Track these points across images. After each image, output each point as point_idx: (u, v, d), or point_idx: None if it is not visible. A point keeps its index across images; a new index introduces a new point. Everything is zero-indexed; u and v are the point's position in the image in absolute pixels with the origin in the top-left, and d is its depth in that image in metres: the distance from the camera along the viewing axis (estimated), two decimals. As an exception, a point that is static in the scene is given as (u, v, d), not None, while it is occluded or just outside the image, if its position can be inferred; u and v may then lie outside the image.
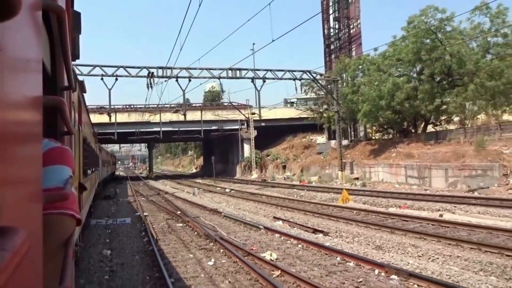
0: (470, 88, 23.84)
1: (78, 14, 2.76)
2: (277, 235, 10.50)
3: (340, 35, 37.35)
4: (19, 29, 0.65)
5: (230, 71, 24.79)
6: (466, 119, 27.48)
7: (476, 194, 16.68)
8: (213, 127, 44.31)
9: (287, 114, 45.17)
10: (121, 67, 23.15)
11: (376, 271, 6.90)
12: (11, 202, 0.58)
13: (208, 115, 43.95)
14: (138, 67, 23.60)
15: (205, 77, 24.58)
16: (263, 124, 44.08)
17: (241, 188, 27.83)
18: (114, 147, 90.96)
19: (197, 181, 40.98)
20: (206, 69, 24.43)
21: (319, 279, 6.64)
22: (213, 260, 8.13)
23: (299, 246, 9.17)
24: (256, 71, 25.53)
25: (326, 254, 8.32)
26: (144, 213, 15.67)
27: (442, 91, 26.01)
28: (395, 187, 22.17)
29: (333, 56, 37.82)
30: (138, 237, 11.03)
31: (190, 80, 24.21)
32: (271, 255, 8.15)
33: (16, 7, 0.53)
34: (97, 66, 22.74)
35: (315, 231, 11.10)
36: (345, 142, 34.08)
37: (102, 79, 22.73)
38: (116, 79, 23.08)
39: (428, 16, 25.42)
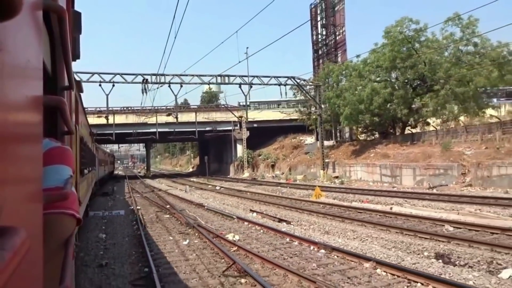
0: (441, 94, 25.81)
1: (78, 14, 2.79)
2: (246, 223, 12.46)
3: (327, 41, 39.30)
4: (20, 29, 0.66)
5: (219, 78, 26.75)
6: (447, 121, 29.22)
7: (434, 190, 18.65)
8: (207, 128, 46.26)
9: (278, 116, 47.12)
10: (118, 74, 25.13)
11: (311, 247, 8.85)
12: (11, 201, 0.58)
13: (203, 117, 45.86)
14: (134, 74, 25.60)
15: (196, 83, 26.55)
16: (255, 125, 46.07)
17: (230, 186, 29.76)
18: (114, 147, 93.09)
19: (192, 179, 42.90)
20: (196, 75, 26.43)
21: (265, 252, 8.58)
22: (188, 240, 10.09)
23: (261, 231, 11.13)
24: (243, 77, 27.51)
25: (280, 236, 10.26)
26: (137, 207, 17.61)
27: (416, 96, 27.97)
28: (369, 185, 24.14)
29: (321, 61, 39.75)
30: (130, 225, 12.98)
31: (181, 86, 26.20)
32: (233, 237, 10.11)
33: (17, 7, 0.53)
34: (96, 73, 24.72)
35: (280, 220, 13.05)
36: (330, 143, 36.07)
37: (100, 85, 24.71)
38: (113, 85, 25.06)
39: (403, 26, 27.34)
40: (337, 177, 28.57)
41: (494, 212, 11.80)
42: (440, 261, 7.44)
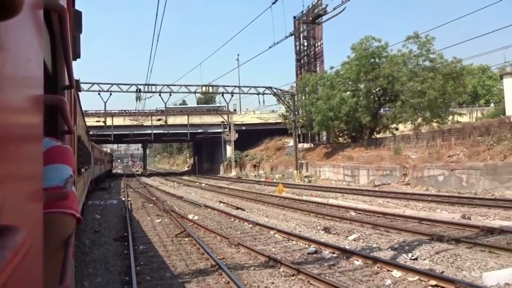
0: (397, 105, 29.44)
1: (79, 13, 2.82)
2: (209, 209, 16.12)
3: (307, 52, 42.94)
4: (20, 28, 0.66)
5: (203, 88, 30.44)
6: (420, 126, 32.68)
7: (376, 188, 22.28)
8: (199, 130, 49.89)
9: (265, 119, 50.75)
10: (115, 84, 28.82)
11: (245, 224, 12.49)
12: (12, 200, 0.58)
13: (194, 120, 49.51)
14: (128, 84, 29.29)
15: (183, 92, 30.24)
16: (243, 128, 49.73)
17: (215, 183, 33.40)
18: (114, 146, 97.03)
19: (184, 177, 46.56)
20: (184, 85, 30.13)
21: (210, 226, 12.20)
22: (160, 219, 13.75)
23: (217, 214, 14.80)
24: (226, 87, 31.15)
25: (230, 218, 13.90)
26: (128, 199, 21.27)
27: (379, 106, 31.61)
28: (331, 183, 27.79)
29: (302, 70, 43.40)
30: (120, 211, 16.64)
31: (170, 95, 29.89)
32: (193, 217, 13.77)
33: (17, 6, 0.53)
34: (95, 83, 28.44)
35: (237, 208, 16.69)
36: (307, 145, 39.76)
37: (99, 93, 28.39)
38: (110, 94, 28.75)
39: (367, 44, 30.98)
40: (308, 176, 32.22)
41: (396, 204, 15.45)
42: (323, 231, 11.08)
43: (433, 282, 6.07)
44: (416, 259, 7.67)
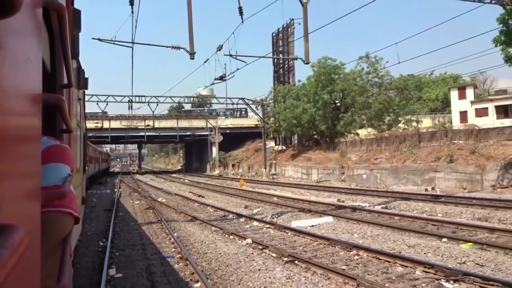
0: (347, 115, 35.14)
1: (78, 12, 2.86)
2: (177, 196, 21.81)
3: (282, 66, 48.64)
4: (19, 27, 0.66)
5: (187, 98, 36.09)
6: (383, 131, 38.24)
7: (317, 184, 27.93)
8: (188, 133, 55.59)
9: (247, 123, 56.50)
10: (110, 95, 34.58)
11: (196, 204, 18.17)
12: (9, 199, 0.58)
13: (184, 123, 55.20)
14: (122, 96, 35.06)
15: (169, 102, 35.92)
16: (228, 131, 55.42)
17: (196, 180, 39.05)
18: (113, 146, 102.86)
19: (173, 175, 52.22)
20: (169, 97, 35.91)
21: (172, 205, 17.85)
22: (138, 202, 19.44)
23: (180, 199, 20.48)
24: (205, 98, 36.74)
25: (188, 201, 19.55)
26: (119, 190, 26.94)
27: (335, 116, 37.30)
28: (290, 180, 33.45)
29: (278, 81, 49.04)
30: (111, 197, 22.29)
31: (157, 104, 35.65)
32: (162, 200, 19.47)
33: (17, 4, 0.54)
34: (94, 95, 34.21)
35: (199, 196, 22.35)
36: (279, 147, 45.46)
37: (97, 103, 34.13)
38: (107, 104, 34.48)
39: (324, 63, 36.66)
40: (274, 174, 37.93)
41: (311, 193, 21.13)
42: (243, 208, 16.73)
43: (272, 227, 11.73)
44: (273, 218, 13.37)
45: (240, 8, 11.25)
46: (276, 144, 49.34)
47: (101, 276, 6.68)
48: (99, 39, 14.06)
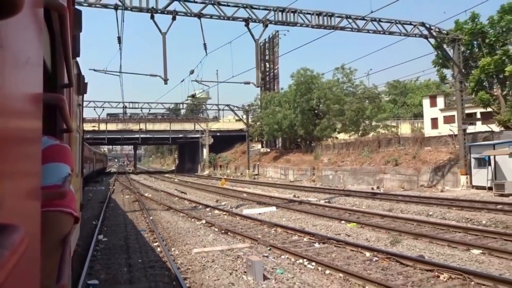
0: (323, 121, 38.60)
1: (79, 12, 2.86)
2: (163, 192, 25.18)
3: (268, 74, 52.16)
4: (21, 26, 0.66)
5: (172, 105, 39.48)
6: (363, 135, 41.71)
7: (290, 183, 31.31)
8: (180, 135, 58.96)
9: (236, 127, 59.91)
10: (106, 101, 38.01)
11: (176, 198, 21.55)
12: (10, 199, 0.59)
13: (176, 126, 58.57)
14: (116, 102, 38.48)
15: (159, 108, 39.25)
16: (218, 134, 58.81)
17: (185, 179, 42.35)
18: (111, 147, 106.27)
19: (166, 175, 55.52)
20: (160, 103, 39.28)
21: (156, 199, 21.20)
22: (128, 196, 22.81)
23: (164, 194, 23.85)
24: (194, 104, 40.13)
25: (170, 196, 22.91)
26: (113, 187, 30.29)
27: (312, 122, 40.76)
28: (269, 180, 36.83)
29: (264, 89, 52.50)
30: (105, 192, 25.64)
31: (149, 110, 39.02)
32: (148, 195, 22.86)
33: (18, 4, 0.54)
34: (91, 101, 37.66)
35: (182, 192, 25.72)
36: (264, 150, 48.89)
37: (94, 109, 37.53)
38: (103, 109, 37.88)
39: (302, 73, 40.12)
40: (257, 174, 41.34)
41: (277, 190, 24.52)
42: (215, 201, 20.09)
43: (227, 214, 15.10)
44: (232, 208, 16.76)
45: (204, 44, 14.60)
46: (262, 147, 52.84)
47: (92, 239, 10.06)
48: (94, 70, 17.43)
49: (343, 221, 12.46)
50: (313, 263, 7.64)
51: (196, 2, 15.12)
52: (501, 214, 12.47)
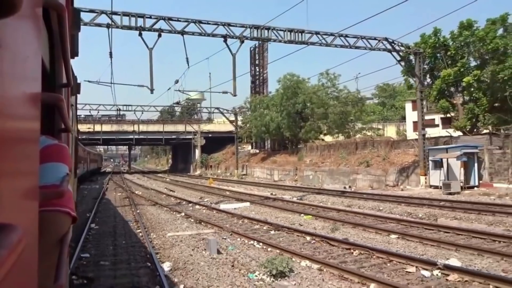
0: (307, 124, 40.68)
1: (77, 12, 2.95)
2: (153, 191, 27.12)
3: (258, 77, 54.18)
4: (19, 26, 0.67)
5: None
6: (349, 137, 43.86)
7: (274, 182, 33.32)
8: (173, 136, 60.87)
9: (227, 128, 61.89)
10: (101, 104, 39.93)
11: (164, 195, 23.51)
12: (7, 199, 0.59)
13: (169, 127, 60.48)
14: (111, 104, 40.43)
15: (152, 111, 41.13)
16: (210, 135, 60.78)
17: (177, 179, 44.26)
18: (107, 147, 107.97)
19: (158, 175, 57.41)
20: (153, 106, 41.17)
21: (145, 196, 23.14)
22: (120, 194, 24.73)
23: (154, 192, 25.80)
24: (186, 107, 42.07)
25: (158, 194, 24.85)
26: (107, 185, 32.17)
27: (298, 124, 42.82)
28: (255, 180, 38.81)
29: (254, 91, 54.52)
30: (99, 191, 27.53)
31: (142, 113, 40.96)
32: (139, 192, 24.80)
33: (17, 4, 0.54)
34: (87, 104, 39.54)
35: (170, 190, 27.65)
36: (253, 151, 50.93)
37: (90, 112, 39.40)
38: (98, 112, 39.77)
39: (288, 78, 42.17)
40: (245, 174, 43.35)
41: (257, 189, 26.52)
42: (199, 199, 22.05)
43: (206, 208, 17.08)
44: (212, 204, 18.75)
45: (187, 59, 16.60)
46: (252, 148, 54.87)
47: (86, 226, 12.03)
48: (88, 81, 19.36)
49: (302, 214, 14.48)
50: (261, 244, 9.65)
51: (180, 21, 17.09)
52: (437, 209, 14.54)
